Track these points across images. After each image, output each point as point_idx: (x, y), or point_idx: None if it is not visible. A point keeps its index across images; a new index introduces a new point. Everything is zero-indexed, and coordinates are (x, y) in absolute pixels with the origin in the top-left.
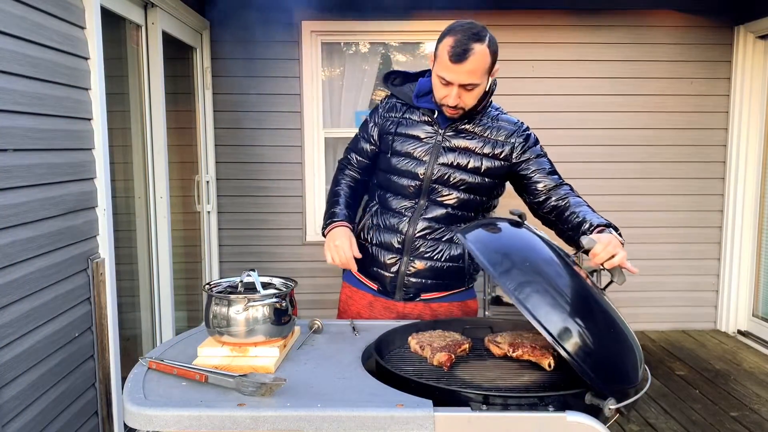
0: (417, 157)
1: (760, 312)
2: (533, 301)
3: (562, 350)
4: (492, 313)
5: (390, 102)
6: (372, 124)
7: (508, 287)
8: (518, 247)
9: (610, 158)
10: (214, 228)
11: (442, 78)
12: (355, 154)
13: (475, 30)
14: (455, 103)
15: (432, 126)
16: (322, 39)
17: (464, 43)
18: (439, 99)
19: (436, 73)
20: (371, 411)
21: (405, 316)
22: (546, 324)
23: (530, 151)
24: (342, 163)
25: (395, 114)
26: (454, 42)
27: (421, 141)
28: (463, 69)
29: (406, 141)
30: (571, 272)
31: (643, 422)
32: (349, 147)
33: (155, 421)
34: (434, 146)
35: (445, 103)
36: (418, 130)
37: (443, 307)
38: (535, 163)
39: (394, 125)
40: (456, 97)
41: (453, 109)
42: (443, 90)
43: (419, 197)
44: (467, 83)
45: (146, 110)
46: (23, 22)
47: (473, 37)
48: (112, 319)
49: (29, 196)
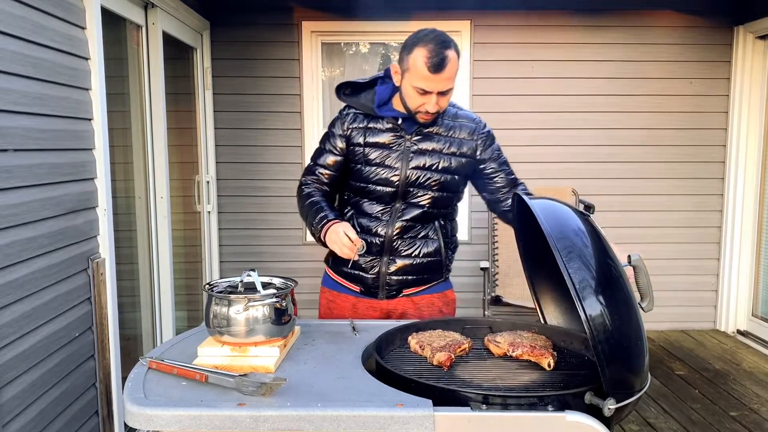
0: (389, 165)
1: (759, 312)
2: (579, 275)
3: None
4: (492, 313)
5: (350, 113)
6: (337, 137)
7: (561, 255)
8: (576, 230)
9: (610, 158)
10: (214, 228)
11: (419, 88)
12: (323, 169)
13: (443, 38)
14: (436, 110)
15: (398, 132)
16: (322, 39)
17: (439, 53)
18: (415, 107)
19: (412, 84)
20: (371, 411)
21: (389, 312)
22: (582, 295)
23: (490, 149)
24: (307, 179)
25: (360, 125)
26: (429, 53)
27: (391, 148)
28: (442, 77)
29: (376, 150)
30: (618, 271)
31: (642, 422)
32: (313, 163)
33: (155, 421)
34: (404, 152)
35: (425, 110)
36: (385, 137)
37: (425, 300)
38: (495, 161)
39: (361, 136)
40: (435, 104)
41: (429, 114)
42: (420, 99)
43: (395, 201)
44: (446, 89)
45: (146, 110)
46: (24, 23)
47: (444, 45)
48: (112, 319)
49: (30, 196)
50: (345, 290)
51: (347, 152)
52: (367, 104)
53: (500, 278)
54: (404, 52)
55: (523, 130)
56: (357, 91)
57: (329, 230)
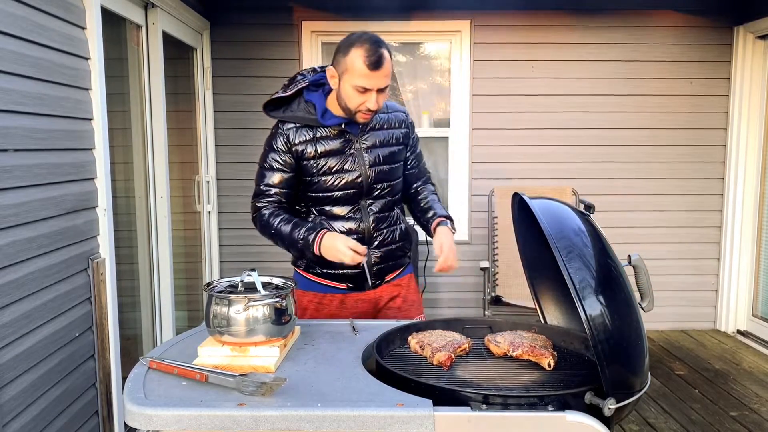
0: (349, 169)
1: (759, 312)
2: (579, 275)
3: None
4: (492, 313)
5: (290, 128)
6: (283, 153)
7: (561, 255)
8: (577, 230)
9: (609, 158)
10: (214, 228)
11: (359, 87)
12: (275, 189)
13: (376, 38)
14: (376, 108)
15: (345, 136)
16: (322, 39)
17: (376, 51)
18: (355, 107)
19: (352, 84)
20: (371, 410)
21: (377, 300)
22: (582, 295)
23: (413, 138)
24: (262, 203)
25: (305, 137)
26: (366, 52)
27: (345, 153)
28: (380, 74)
29: (331, 158)
30: (618, 271)
31: (642, 422)
32: (263, 186)
33: (155, 421)
34: (357, 153)
35: (365, 108)
36: (335, 144)
37: (404, 280)
38: (413, 148)
39: (311, 148)
40: (375, 101)
41: (369, 112)
42: (361, 97)
43: (360, 199)
44: (384, 86)
45: (146, 110)
46: (24, 23)
47: (378, 44)
48: (112, 319)
49: (30, 196)
50: (330, 290)
51: (298, 167)
52: (307, 116)
53: (500, 278)
54: (340, 54)
55: (523, 130)
56: (285, 105)
57: (323, 245)
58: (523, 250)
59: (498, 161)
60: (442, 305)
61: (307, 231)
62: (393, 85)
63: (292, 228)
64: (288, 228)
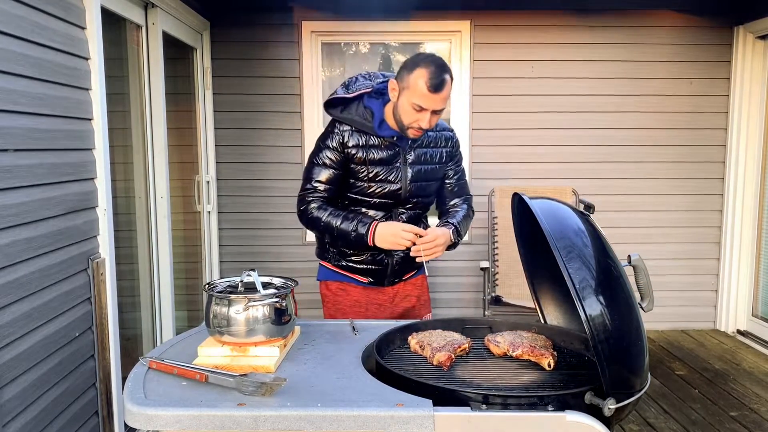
0: (391, 180)
1: (759, 312)
2: (579, 275)
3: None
4: (492, 313)
5: (345, 129)
6: (335, 152)
7: (561, 255)
8: (577, 230)
9: (609, 158)
10: (214, 228)
11: (416, 105)
12: (324, 185)
13: (441, 62)
14: (428, 127)
15: (395, 148)
16: (322, 39)
17: (439, 75)
18: (409, 123)
19: (410, 101)
20: (371, 410)
21: (394, 295)
22: (582, 295)
23: (457, 155)
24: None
25: (358, 142)
26: (429, 74)
27: (391, 164)
28: (439, 97)
29: (378, 166)
30: (618, 271)
31: (642, 422)
32: (312, 180)
33: (155, 421)
34: (402, 166)
35: (418, 126)
36: (384, 154)
37: (418, 281)
38: (456, 166)
39: (362, 153)
40: (428, 121)
41: (421, 130)
42: (416, 115)
43: (395, 207)
44: (440, 108)
45: (146, 110)
46: (24, 23)
47: (443, 68)
48: (112, 319)
49: (30, 196)
50: (353, 281)
51: (346, 168)
52: (365, 122)
53: (500, 278)
54: (405, 71)
55: (522, 130)
56: (343, 105)
57: (378, 233)
58: (523, 250)
59: (498, 161)
60: (442, 305)
61: (359, 223)
62: None
63: (342, 220)
64: (338, 221)
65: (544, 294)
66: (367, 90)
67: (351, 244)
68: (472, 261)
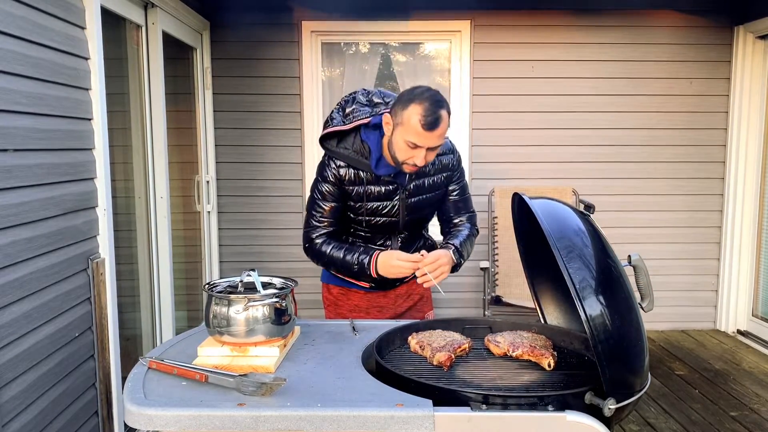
0: (390, 214)
1: (759, 312)
2: (579, 275)
3: (587, 321)
4: (492, 313)
5: (341, 165)
6: (332, 185)
7: (561, 255)
8: (577, 230)
9: (609, 158)
10: (214, 228)
11: (410, 142)
12: (327, 218)
13: (438, 97)
14: (423, 164)
15: (393, 184)
16: (322, 39)
17: (434, 112)
18: (403, 159)
19: (404, 138)
20: (371, 411)
21: (397, 296)
22: (582, 295)
23: (458, 173)
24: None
25: (354, 178)
26: (424, 111)
27: (390, 198)
28: (434, 135)
29: (376, 201)
30: (618, 271)
31: (642, 422)
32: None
33: (155, 421)
34: (401, 199)
35: (412, 162)
36: (382, 190)
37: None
38: (458, 182)
39: (359, 190)
40: (423, 158)
41: (415, 166)
42: (410, 152)
43: (395, 233)
44: (435, 146)
45: (146, 110)
46: (24, 23)
47: (438, 104)
48: (112, 319)
49: (29, 196)
50: (355, 286)
51: (344, 201)
52: (362, 160)
53: (500, 278)
54: (398, 106)
55: (522, 130)
56: (342, 137)
57: (380, 263)
58: (523, 250)
59: (498, 161)
60: (442, 305)
61: (361, 255)
62: (393, 85)
63: (344, 254)
64: (341, 254)
65: (544, 294)
66: (364, 120)
67: (355, 275)
68: (472, 261)
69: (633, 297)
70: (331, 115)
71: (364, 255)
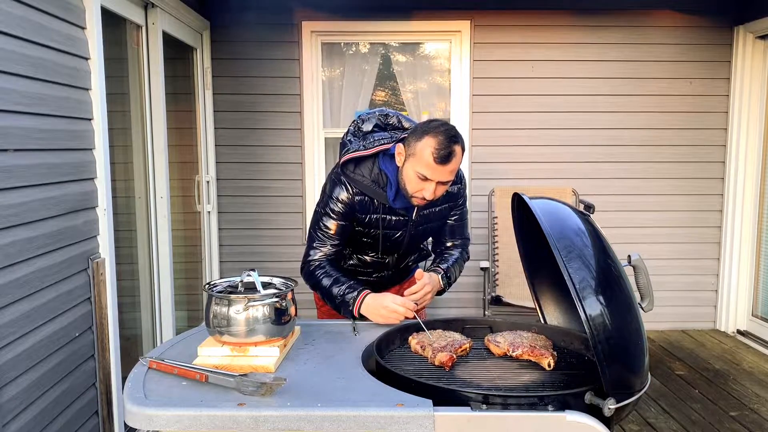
0: (395, 240)
1: (759, 312)
2: (579, 275)
3: (586, 319)
4: (492, 313)
5: (356, 192)
6: (343, 205)
7: (561, 255)
8: (577, 230)
9: (609, 158)
10: (214, 228)
11: (421, 174)
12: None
13: (453, 132)
14: (432, 198)
15: (404, 216)
16: (322, 39)
17: (448, 146)
18: (413, 191)
19: (415, 170)
20: (371, 411)
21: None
22: (582, 295)
23: (461, 199)
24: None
25: (368, 207)
26: (437, 144)
27: (397, 228)
28: (446, 169)
29: (385, 230)
30: (618, 271)
31: (642, 422)
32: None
33: (155, 421)
34: (407, 228)
35: (421, 196)
36: (393, 220)
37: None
38: (460, 208)
39: (371, 217)
40: (432, 192)
41: (424, 200)
42: (420, 184)
43: (396, 253)
44: (446, 180)
45: (146, 110)
46: (24, 23)
47: (453, 139)
48: (112, 319)
49: (30, 196)
50: None
51: (352, 221)
52: (378, 191)
53: (500, 278)
54: (413, 137)
55: (523, 130)
56: (358, 162)
57: (366, 304)
58: (523, 250)
59: (498, 161)
60: (442, 305)
61: (348, 288)
62: (393, 85)
63: (332, 283)
64: (328, 282)
65: (544, 294)
66: (385, 146)
67: (336, 308)
68: (472, 261)
69: (633, 297)
70: (347, 138)
71: (352, 290)
